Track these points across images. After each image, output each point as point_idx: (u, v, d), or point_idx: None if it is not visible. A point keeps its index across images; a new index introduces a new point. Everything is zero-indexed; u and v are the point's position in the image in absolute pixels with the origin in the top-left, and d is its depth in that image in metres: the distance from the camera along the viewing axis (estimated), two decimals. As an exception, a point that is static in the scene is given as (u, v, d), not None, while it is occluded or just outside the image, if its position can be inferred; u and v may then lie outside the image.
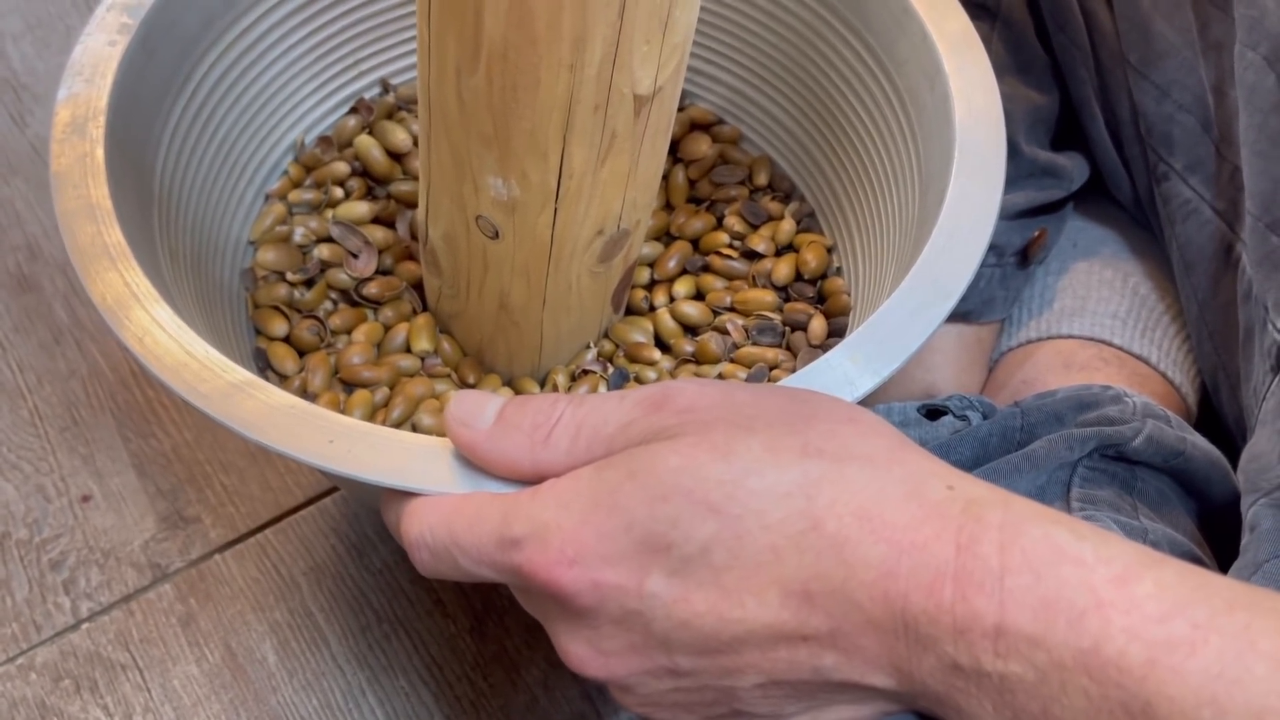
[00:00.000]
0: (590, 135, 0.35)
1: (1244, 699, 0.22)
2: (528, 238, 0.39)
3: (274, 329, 0.45)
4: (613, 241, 0.40)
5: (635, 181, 0.38)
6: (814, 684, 0.27)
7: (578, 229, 0.39)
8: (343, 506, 0.56)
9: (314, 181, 0.49)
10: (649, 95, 0.35)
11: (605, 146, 0.36)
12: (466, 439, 0.30)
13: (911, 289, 0.36)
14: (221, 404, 0.32)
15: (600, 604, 0.27)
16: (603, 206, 0.38)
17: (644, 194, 0.40)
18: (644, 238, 0.44)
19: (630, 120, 0.36)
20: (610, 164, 0.37)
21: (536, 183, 0.36)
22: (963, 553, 0.25)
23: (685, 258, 0.48)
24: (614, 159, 0.37)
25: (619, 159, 0.37)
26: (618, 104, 0.35)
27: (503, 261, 0.40)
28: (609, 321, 0.46)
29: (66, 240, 0.36)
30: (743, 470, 0.26)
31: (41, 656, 0.52)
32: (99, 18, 0.40)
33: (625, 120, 0.35)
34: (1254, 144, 0.46)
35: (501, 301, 0.42)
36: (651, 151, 0.38)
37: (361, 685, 0.51)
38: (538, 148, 0.35)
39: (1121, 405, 0.45)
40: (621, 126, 0.36)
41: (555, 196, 0.37)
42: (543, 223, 0.38)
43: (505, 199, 0.37)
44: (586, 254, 0.40)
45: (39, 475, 0.57)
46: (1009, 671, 0.24)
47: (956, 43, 0.41)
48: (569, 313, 0.43)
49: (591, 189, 0.37)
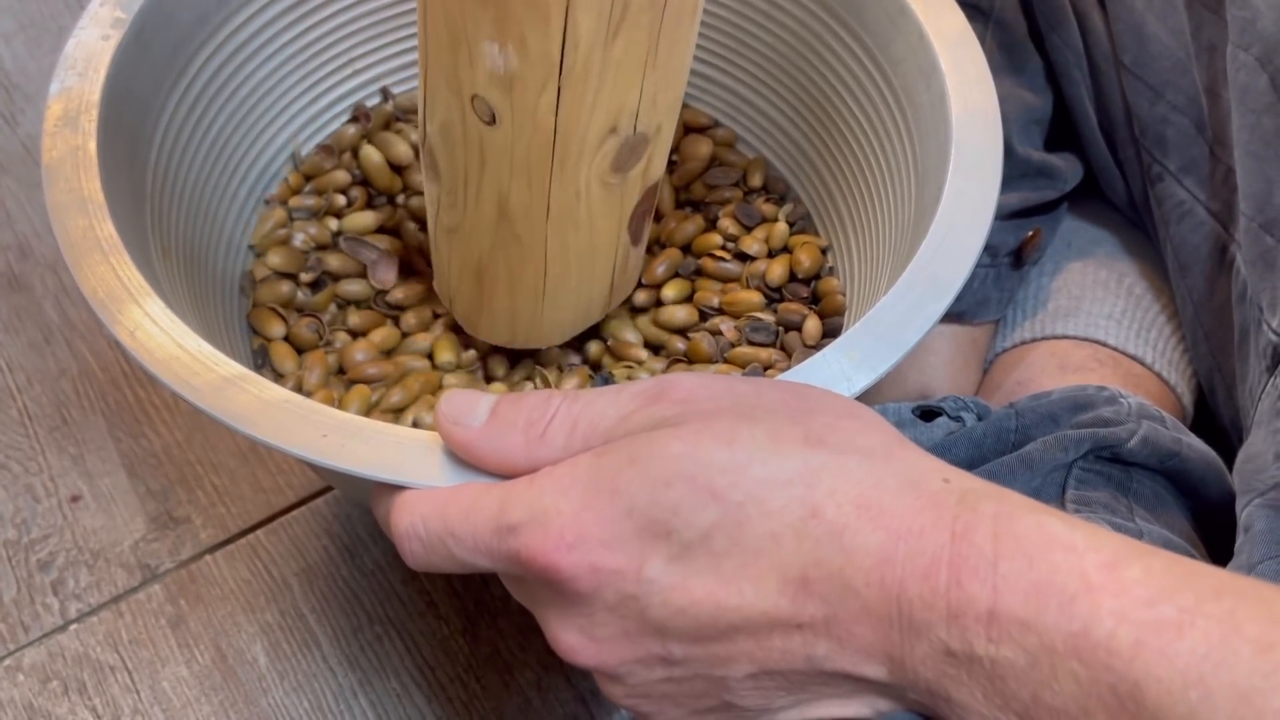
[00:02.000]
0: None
1: (1230, 680, 0.22)
2: (528, 123, 0.35)
3: (272, 329, 0.45)
4: (628, 146, 0.36)
5: (655, 70, 0.35)
6: (806, 674, 0.27)
7: (586, 119, 0.35)
8: (335, 507, 0.56)
9: (314, 189, 0.49)
10: None
11: (618, 15, 0.32)
12: (460, 437, 0.30)
13: (908, 286, 0.36)
14: (213, 398, 0.32)
15: (597, 589, 0.27)
16: (615, 94, 0.35)
17: (666, 90, 0.36)
18: (666, 153, 0.39)
19: None
20: (624, 39, 0.33)
21: (537, 51, 0.33)
22: (958, 540, 0.25)
23: (675, 264, 0.48)
24: (628, 33, 0.33)
25: (635, 35, 0.33)
26: None
27: (501, 154, 0.36)
28: (627, 259, 0.42)
29: (58, 233, 0.36)
30: (746, 457, 0.26)
31: (29, 658, 0.51)
32: (93, 12, 0.40)
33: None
34: (1247, 144, 0.46)
35: (501, 207, 0.38)
36: (674, 35, 0.34)
37: (353, 687, 0.51)
38: (538, 5, 0.32)
39: (1116, 406, 0.45)
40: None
41: (559, 71, 0.33)
42: (544, 105, 0.34)
43: (503, 71, 0.34)
44: (598, 156, 0.36)
45: (28, 475, 0.56)
46: (1000, 656, 0.24)
47: (952, 41, 0.41)
48: (577, 229, 0.39)
49: (602, 68, 0.33)
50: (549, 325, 0.43)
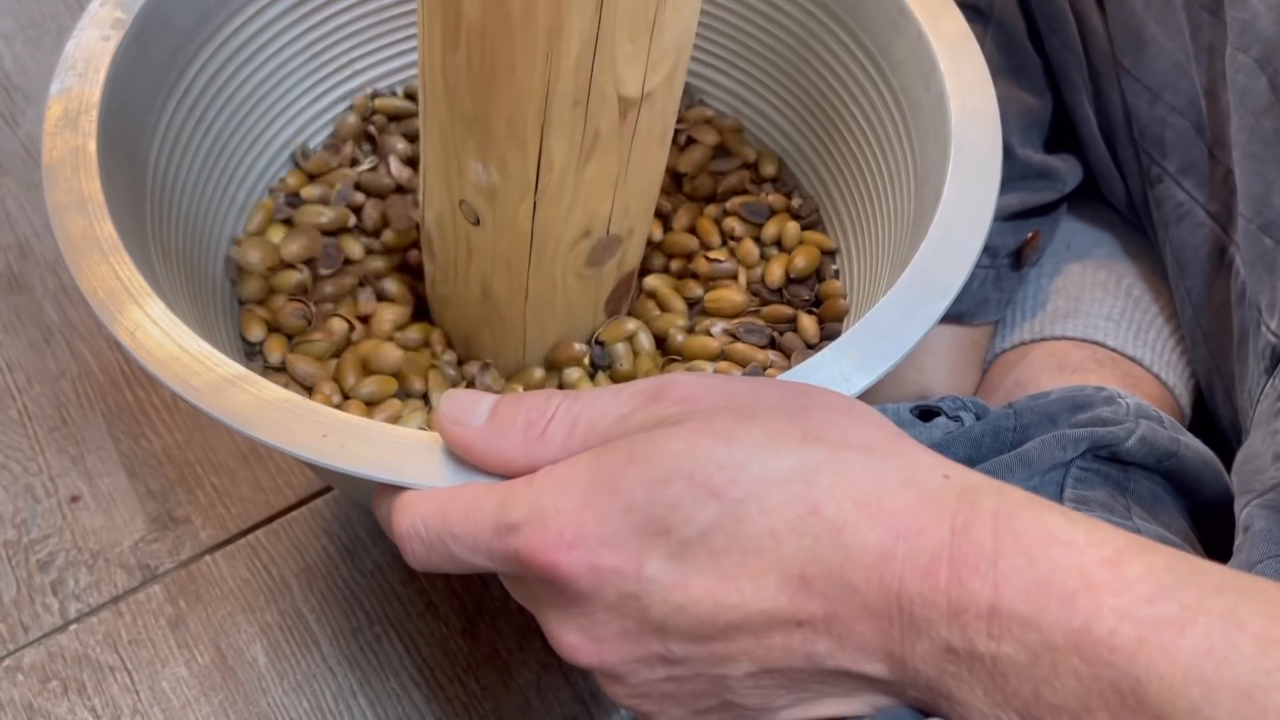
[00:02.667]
0: (570, 130, 0.35)
1: (1232, 677, 0.22)
2: (508, 227, 0.38)
3: (255, 327, 0.45)
4: (602, 246, 0.40)
5: (626, 187, 0.38)
6: (806, 672, 0.27)
7: (560, 226, 0.38)
8: (334, 507, 0.56)
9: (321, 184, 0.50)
10: (636, 98, 0.35)
11: (589, 145, 0.35)
12: (460, 437, 0.30)
13: (908, 287, 0.36)
14: (213, 398, 0.32)
15: (597, 588, 0.27)
16: (588, 207, 0.38)
17: (637, 201, 0.39)
18: (641, 248, 0.43)
19: (616, 121, 0.35)
20: (595, 164, 0.36)
21: (516, 172, 0.36)
22: (958, 537, 0.25)
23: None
24: (599, 159, 0.36)
25: (605, 160, 0.36)
26: (600, 102, 0.34)
27: (485, 249, 0.40)
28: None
29: (58, 233, 0.36)
30: (744, 455, 0.26)
31: (29, 658, 0.51)
32: (93, 12, 0.40)
33: (610, 121, 0.35)
34: (1245, 146, 0.46)
35: (484, 289, 0.41)
36: (644, 158, 0.38)
37: (353, 687, 0.51)
38: (516, 136, 0.35)
39: (1115, 406, 0.45)
40: (606, 126, 0.35)
41: (535, 189, 0.37)
42: (522, 214, 0.38)
43: (485, 185, 0.37)
44: (572, 254, 0.39)
45: (28, 475, 0.56)
46: (1001, 653, 0.24)
47: (952, 43, 0.42)
48: (554, 311, 0.42)
49: (575, 187, 0.37)
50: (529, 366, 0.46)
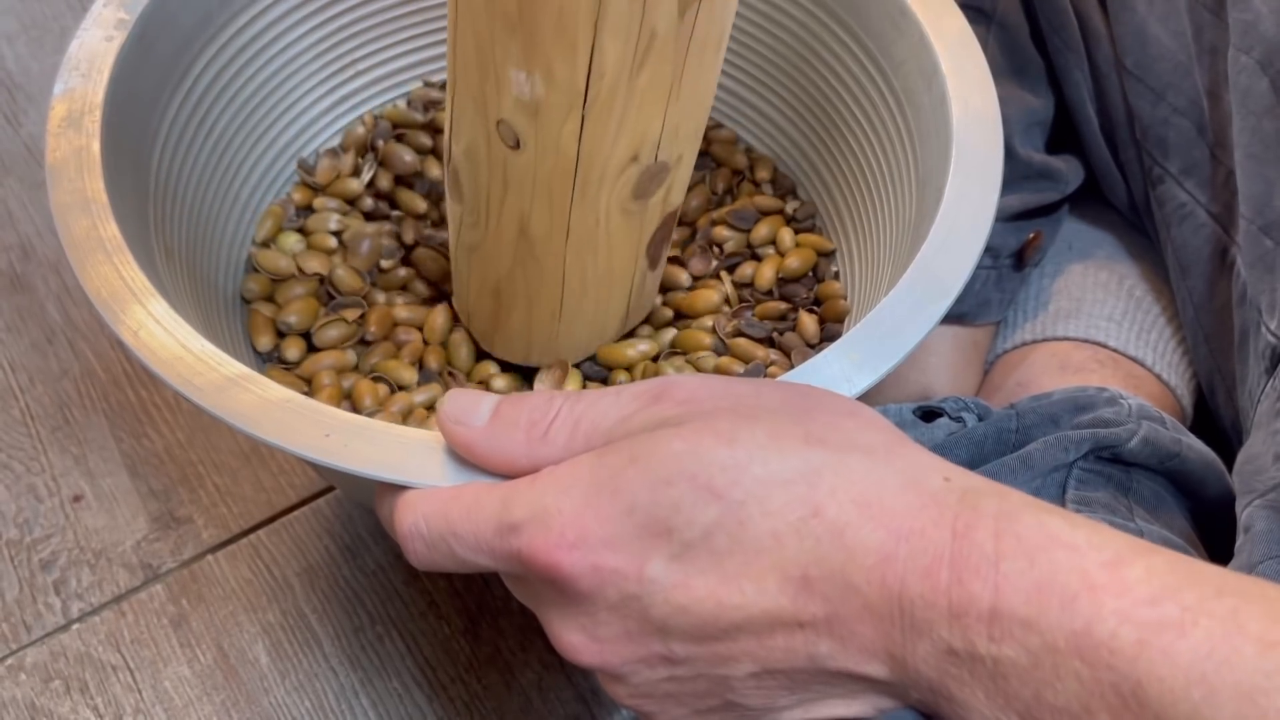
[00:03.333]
0: (626, 28, 0.32)
1: (1233, 679, 0.22)
2: (551, 149, 0.35)
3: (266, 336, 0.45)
4: (649, 174, 0.37)
5: (678, 101, 0.35)
6: (808, 673, 0.27)
7: (609, 147, 0.35)
8: (337, 507, 0.56)
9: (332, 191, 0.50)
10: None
11: (643, 47, 0.32)
12: (462, 437, 0.30)
13: (909, 287, 0.36)
14: (216, 397, 0.32)
15: (599, 588, 0.27)
16: (638, 125, 0.35)
17: (688, 120, 0.36)
18: (687, 181, 0.40)
19: (674, 19, 0.32)
20: (649, 71, 0.33)
21: (563, 80, 0.33)
22: (959, 539, 0.25)
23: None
24: (653, 65, 0.33)
25: (659, 67, 0.33)
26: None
27: (524, 178, 0.37)
28: (644, 282, 0.43)
29: (61, 233, 0.36)
30: (747, 456, 0.26)
31: (31, 657, 0.51)
32: (96, 13, 0.40)
33: (668, 18, 0.32)
34: (1247, 147, 0.46)
35: (521, 227, 0.38)
36: (698, 66, 0.35)
37: (354, 687, 0.51)
38: (566, 35, 0.32)
39: (1117, 407, 0.45)
40: (663, 25, 0.32)
41: (584, 100, 0.34)
42: (568, 133, 0.35)
43: (529, 98, 0.34)
44: (618, 183, 0.37)
45: (30, 475, 0.56)
46: (1002, 655, 0.24)
47: (953, 43, 0.42)
48: (595, 253, 0.39)
49: (626, 99, 0.34)
50: (564, 344, 0.44)
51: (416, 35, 0.52)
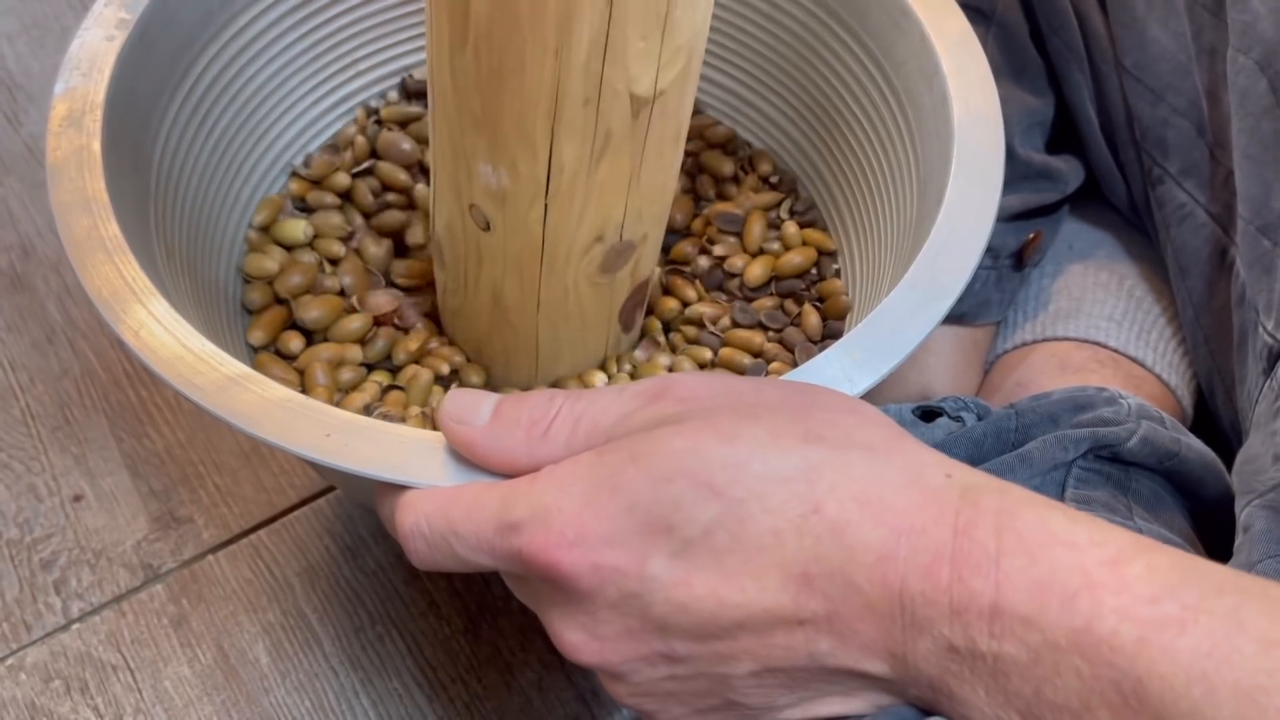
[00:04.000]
0: (581, 131, 0.34)
1: (1233, 677, 0.22)
2: (519, 231, 0.38)
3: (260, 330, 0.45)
4: (615, 252, 0.39)
5: (639, 190, 0.37)
6: (808, 671, 0.27)
7: (572, 231, 0.38)
8: (337, 507, 0.56)
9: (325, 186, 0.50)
10: (649, 97, 0.34)
11: (600, 145, 0.35)
12: (463, 436, 0.30)
13: (910, 287, 0.36)
14: (217, 397, 0.32)
15: (599, 587, 0.27)
16: (600, 211, 0.37)
17: (651, 205, 0.39)
18: (655, 256, 0.42)
19: (627, 121, 0.35)
20: (607, 165, 0.36)
21: (526, 174, 0.36)
22: (960, 536, 0.25)
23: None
24: (611, 160, 0.36)
25: (617, 161, 0.36)
26: (611, 101, 0.34)
27: (495, 255, 0.39)
28: (619, 342, 0.45)
29: (62, 232, 0.36)
30: (747, 454, 0.26)
31: (32, 657, 0.51)
32: (97, 13, 0.40)
33: (621, 120, 0.35)
34: (1246, 148, 0.46)
35: (495, 297, 0.41)
36: (657, 160, 0.37)
37: (355, 687, 0.51)
38: (526, 137, 0.34)
39: (1116, 407, 0.45)
40: (617, 126, 0.35)
41: (546, 191, 0.36)
42: (533, 218, 0.37)
43: (496, 188, 0.36)
44: (584, 260, 0.39)
45: (30, 475, 0.56)
46: (1003, 652, 0.24)
47: (954, 44, 0.42)
48: (567, 320, 0.42)
49: (587, 189, 0.36)
50: (542, 379, 0.45)
51: (417, 35, 0.52)
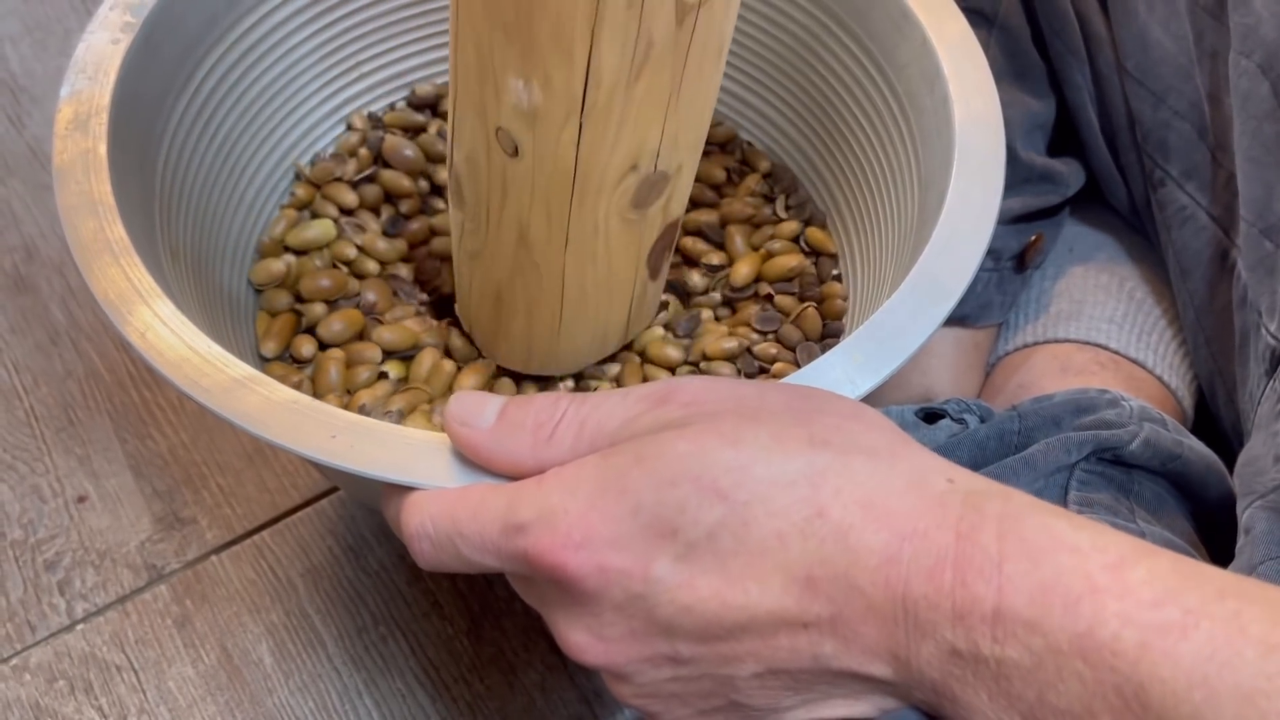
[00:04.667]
0: (623, 37, 0.32)
1: (1234, 681, 0.22)
2: (549, 157, 0.35)
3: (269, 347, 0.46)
4: (648, 183, 0.37)
5: (677, 110, 0.35)
6: (812, 673, 0.27)
7: (606, 155, 0.35)
8: (340, 508, 0.56)
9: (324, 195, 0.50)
10: (694, 1, 0.32)
11: (641, 55, 0.33)
12: (468, 439, 0.30)
13: (912, 289, 0.36)
14: (223, 398, 0.32)
15: (604, 588, 0.27)
16: (636, 133, 0.35)
17: (688, 130, 0.36)
18: (688, 191, 0.40)
19: (671, 28, 0.32)
20: (646, 79, 0.33)
21: (560, 88, 0.33)
22: (963, 540, 0.25)
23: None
24: (651, 74, 0.33)
25: (657, 75, 0.33)
26: (656, 4, 0.31)
27: (522, 185, 0.37)
28: (645, 291, 0.43)
29: (68, 235, 0.36)
30: (750, 458, 0.26)
31: (36, 657, 0.52)
32: (102, 16, 0.40)
33: (665, 26, 0.32)
34: (1248, 150, 0.46)
35: (520, 234, 0.39)
36: (698, 76, 0.35)
37: (358, 687, 0.51)
38: (562, 43, 0.32)
39: (1118, 409, 0.45)
40: (660, 34, 0.32)
41: (581, 108, 0.34)
42: (566, 140, 0.35)
43: (526, 106, 0.34)
44: (617, 192, 0.37)
45: (34, 476, 0.57)
46: (1005, 656, 0.24)
47: (955, 47, 0.42)
48: (595, 262, 0.39)
49: (624, 107, 0.34)
50: (565, 353, 0.44)
51: (421, 38, 0.52)
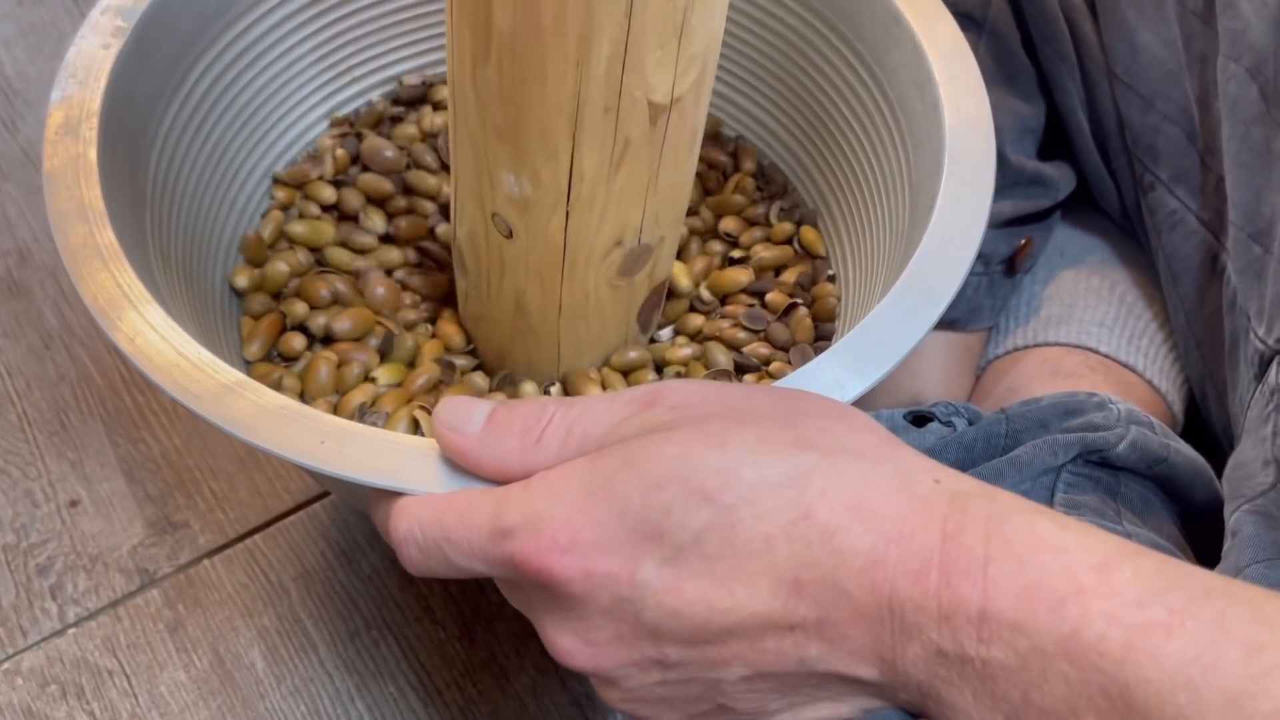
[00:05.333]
0: (601, 138, 0.35)
1: (1219, 683, 0.22)
2: (540, 238, 0.38)
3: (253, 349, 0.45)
4: (633, 255, 0.40)
5: (656, 195, 0.38)
6: (799, 676, 0.27)
7: (593, 236, 0.38)
8: (332, 512, 0.56)
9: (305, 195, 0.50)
10: (666, 104, 0.35)
11: (619, 152, 0.36)
12: (456, 444, 0.30)
13: (902, 293, 0.36)
14: (213, 404, 0.32)
15: (591, 592, 0.27)
16: (619, 216, 0.38)
17: (668, 210, 0.39)
18: (672, 257, 0.43)
19: (645, 128, 0.35)
20: (625, 172, 0.36)
21: (548, 182, 0.36)
22: (948, 542, 0.25)
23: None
24: (629, 167, 0.36)
25: (635, 168, 0.37)
26: (630, 109, 0.34)
27: (517, 262, 0.40)
28: (635, 343, 0.45)
29: (58, 240, 0.36)
30: (737, 460, 0.26)
31: (28, 662, 0.52)
32: (93, 20, 0.40)
33: (640, 127, 0.35)
34: (1236, 154, 0.47)
35: (518, 303, 0.42)
36: (674, 165, 0.38)
37: (350, 691, 0.51)
38: (548, 145, 0.35)
39: (1106, 412, 0.45)
40: (636, 133, 0.35)
41: (567, 198, 0.37)
42: (555, 225, 0.38)
43: (518, 196, 0.37)
44: (604, 264, 0.40)
45: (27, 480, 0.57)
46: (991, 657, 0.24)
47: (946, 51, 0.42)
48: (588, 324, 0.42)
49: (606, 196, 0.37)
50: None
51: (412, 41, 0.52)
